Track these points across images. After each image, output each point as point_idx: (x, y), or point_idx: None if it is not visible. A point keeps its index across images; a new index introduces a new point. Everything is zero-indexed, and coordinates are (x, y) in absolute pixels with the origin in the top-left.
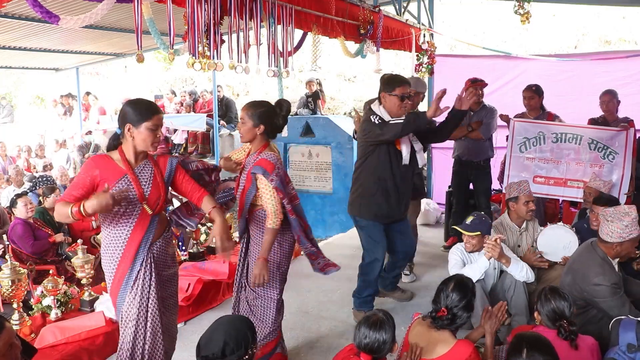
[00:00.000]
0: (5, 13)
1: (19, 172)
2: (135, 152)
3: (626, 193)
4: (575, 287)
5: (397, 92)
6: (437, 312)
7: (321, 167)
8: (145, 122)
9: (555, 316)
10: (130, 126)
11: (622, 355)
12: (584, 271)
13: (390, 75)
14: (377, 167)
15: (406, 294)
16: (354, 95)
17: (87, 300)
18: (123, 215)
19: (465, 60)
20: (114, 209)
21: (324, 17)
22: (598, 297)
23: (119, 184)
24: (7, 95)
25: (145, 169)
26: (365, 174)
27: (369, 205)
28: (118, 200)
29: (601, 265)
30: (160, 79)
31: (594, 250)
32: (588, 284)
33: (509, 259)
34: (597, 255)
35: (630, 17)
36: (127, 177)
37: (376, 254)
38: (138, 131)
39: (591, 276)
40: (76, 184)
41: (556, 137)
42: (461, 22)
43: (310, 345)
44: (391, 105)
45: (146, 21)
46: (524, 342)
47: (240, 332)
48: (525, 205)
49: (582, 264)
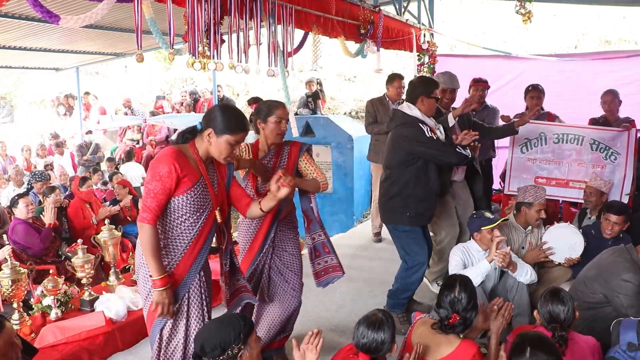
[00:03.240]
0: (5, 13)
1: (19, 171)
2: (207, 155)
3: (628, 193)
4: (599, 281)
5: (435, 95)
6: (448, 320)
7: (321, 167)
8: (227, 135)
9: (550, 318)
10: (211, 131)
11: (623, 354)
12: (614, 266)
13: (425, 78)
14: (427, 172)
15: (422, 306)
16: (354, 95)
17: (87, 300)
18: (190, 221)
19: (466, 60)
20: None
21: (324, 17)
22: (623, 292)
23: (194, 188)
24: (7, 95)
25: (213, 173)
26: (412, 179)
27: (416, 211)
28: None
29: (633, 265)
30: (160, 79)
31: (628, 252)
32: (616, 278)
33: (516, 265)
34: (631, 257)
35: (631, 17)
36: (202, 181)
37: (421, 258)
38: (217, 141)
39: (621, 271)
40: (163, 191)
41: (558, 137)
42: (461, 22)
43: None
44: (429, 108)
45: (147, 21)
46: (526, 342)
47: (220, 332)
48: (537, 213)
49: (613, 260)
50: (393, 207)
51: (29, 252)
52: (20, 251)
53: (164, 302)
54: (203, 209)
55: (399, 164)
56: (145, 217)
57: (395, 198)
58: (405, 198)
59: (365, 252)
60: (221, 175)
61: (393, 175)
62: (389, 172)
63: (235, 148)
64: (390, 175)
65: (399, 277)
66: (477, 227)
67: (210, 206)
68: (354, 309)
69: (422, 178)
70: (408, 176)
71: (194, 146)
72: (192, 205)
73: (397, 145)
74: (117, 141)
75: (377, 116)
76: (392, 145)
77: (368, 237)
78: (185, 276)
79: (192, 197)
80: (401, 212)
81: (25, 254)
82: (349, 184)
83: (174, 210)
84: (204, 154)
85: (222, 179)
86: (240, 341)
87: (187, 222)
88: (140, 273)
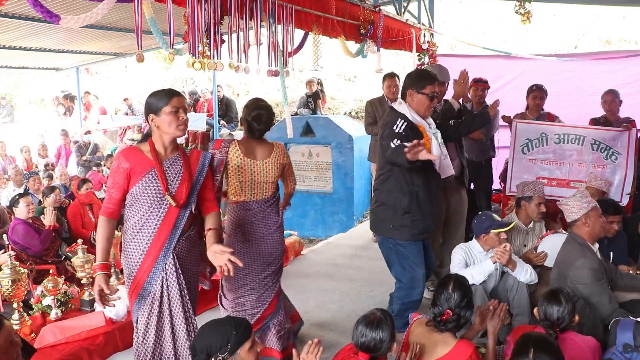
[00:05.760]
0: (5, 13)
1: (18, 171)
2: (163, 144)
3: (628, 193)
4: (561, 279)
5: (427, 91)
6: (441, 316)
7: (321, 167)
8: (164, 107)
9: (544, 317)
10: (152, 116)
11: (619, 355)
12: (568, 258)
13: (420, 71)
14: (409, 177)
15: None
16: (354, 95)
17: (87, 300)
18: (150, 208)
19: (466, 60)
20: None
21: (324, 17)
22: (581, 282)
23: (146, 177)
24: (7, 95)
25: (175, 162)
26: (396, 186)
27: (400, 222)
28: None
29: (581, 250)
30: (160, 79)
31: (572, 239)
32: (571, 269)
33: (515, 264)
34: (577, 242)
35: (631, 17)
36: (153, 171)
37: (418, 274)
38: (160, 118)
39: (574, 260)
40: (114, 185)
41: (559, 138)
42: (461, 21)
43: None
44: (419, 105)
45: (147, 20)
46: (530, 343)
47: (209, 336)
48: (537, 206)
49: (564, 253)
50: (377, 215)
51: (29, 252)
52: (20, 251)
53: (100, 285)
54: (160, 196)
55: (384, 167)
56: (101, 211)
57: (380, 206)
58: (388, 207)
59: (365, 252)
60: (189, 166)
61: (380, 182)
62: (377, 180)
63: (180, 114)
64: (378, 182)
65: (396, 295)
66: (486, 229)
67: (161, 193)
68: (354, 309)
69: (405, 186)
70: (393, 184)
71: (150, 141)
72: (147, 192)
73: (380, 148)
74: (117, 141)
75: (376, 116)
76: (378, 146)
77: (368, 237)
78: (154, 264)
79: (144, 185)
80: (390, 225)
81: (25, 254)
82: (349, 184)
83: (135, 200)
84: (160, 145)
85: (190, 169)
86: (227, 350)
87: (147, 211)
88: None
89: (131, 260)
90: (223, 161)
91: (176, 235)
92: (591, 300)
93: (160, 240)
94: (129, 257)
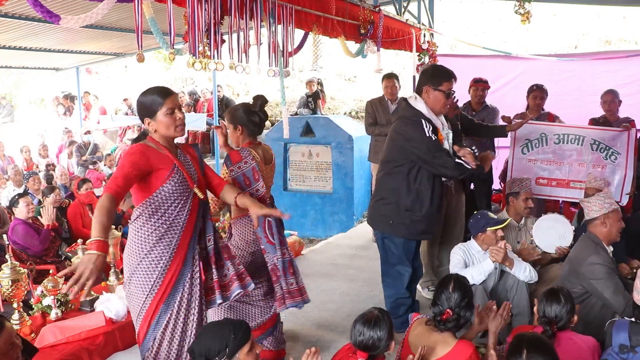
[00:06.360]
0: (5, 13)
1: (18, 172)
2: (165, 143)
3: (628, 193)
4: (573, 274)
5: (444, 88)
6: (441, 315)
7: (321, 167)
8: (160, 109)
9: (542, 315)
10: (149, 120)
11: (615, 356)
12: (580, 255)
13: (436, 67)
14: (419, 177)
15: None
16: (354, 95)
17: (87, 300)
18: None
19: (466, 60)
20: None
21: (324, 17)
22: (594, 277)
23: (173, 176)
24: (7, 95)
25: (182, 156)
26: (402, 184)
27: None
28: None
29: (595, 247)
30: (160, 79)
31: (587, 237)
32: (584, 265)
33: (512, 261)
34: (591, 240)
35: (631, 17)
36: (176, 168)
37: (403, 272)
38: (157, 121)
39: (586, 256)
40: (128, 173)
41: (558, 138)
42: (461, 21)
43: (309, 345)
44: (435, 102)
45: (147, 20)
46: (523, 343)
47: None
48: (524, 202)
49: (578, 250)
50: (377, 209)
51: (29, 252)
52: (20, 251)
53: (88, 267)
54: (188, 191)
55: (391, 162)
56: (106, 187)
57: (381, 201)
58: (391, 203)
59: (365, 252)
60: (193, 157)
61: (384, 175)
62: (381, 173)
63: (177, 113)
64: (382, 176)
65: (386, 294)
66: (483, 227)
67: (188, 187)
68: (353, 309)
69: (412, 184)
70: (398, 180)
71: (153, 140)
72: (177, 190)
73: (392, 142)
74: (117, 141)
75: (376, 117)
76: (389, 139)
77: (368, 237)
78: (184, 261)
79: (172, 184)
80: (383, 216)
81: (25, 254)
82: (349, 184)
83: (164, 201)
84: (164, 143)
85: (195, 159)
86: (225, 354)
87: (176, 208)
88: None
89: (157, 267)
90: (255, 168)
91: (199, 227)
92: (604, 295)
93: (188, 236)
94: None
